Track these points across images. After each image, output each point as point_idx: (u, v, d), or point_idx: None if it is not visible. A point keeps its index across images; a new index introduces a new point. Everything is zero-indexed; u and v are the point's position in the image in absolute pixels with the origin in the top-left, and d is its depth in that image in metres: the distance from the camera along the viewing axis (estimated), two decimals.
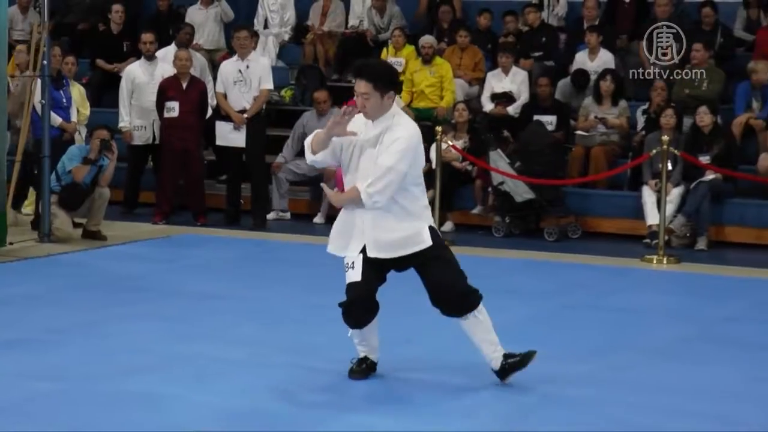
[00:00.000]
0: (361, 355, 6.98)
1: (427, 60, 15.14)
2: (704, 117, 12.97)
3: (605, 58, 14.90)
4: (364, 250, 6.72)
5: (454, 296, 6.70)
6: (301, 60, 16.95)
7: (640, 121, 14.16)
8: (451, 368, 7.20)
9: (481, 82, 15.32)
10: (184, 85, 13.75)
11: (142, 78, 14.22)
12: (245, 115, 13.62)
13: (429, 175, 13.36)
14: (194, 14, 16.93)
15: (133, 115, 14.16)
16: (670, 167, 12.33)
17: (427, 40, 15.32)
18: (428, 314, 6.97)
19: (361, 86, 6.69)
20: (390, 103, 6.77)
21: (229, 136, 13.74)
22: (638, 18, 15.83)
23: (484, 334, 6.76)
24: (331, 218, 13.94)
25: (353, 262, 6.73)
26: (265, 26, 17.28)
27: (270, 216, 14.09)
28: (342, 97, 15.24)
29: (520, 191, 13.09)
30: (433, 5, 16.92)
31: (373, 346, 6.96)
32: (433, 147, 13.06)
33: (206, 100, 14.05)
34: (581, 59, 15.11)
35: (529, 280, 10.81)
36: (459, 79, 15.38)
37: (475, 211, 13.78)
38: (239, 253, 12.12)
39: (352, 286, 6.73)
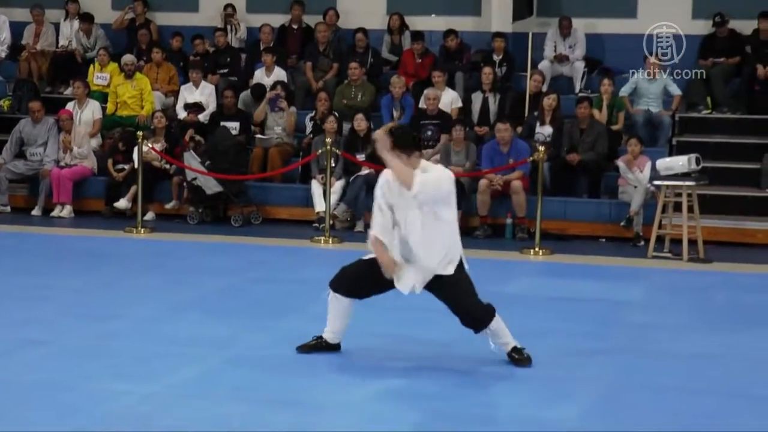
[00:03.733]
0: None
1: (129, 75, 14.87)
2: (361, 123, 13.29)
3: (279, 75, 15.00)
4: None
5: (467, 320, 6.45)
6: (17, 74, 16.29)
7: (308, 126, 14.33)
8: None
9: (176, 93, 15.14)
10: None
11: None
12: None
13: (132, 174, 13.16)
14: None
15: None
16: (333, 164, 12.57)
17: (128, 58, 15.05)
18: None
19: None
20: (416, 162, 6.40)
21: None
22: (304, 41, 16.00)
23: (497, 339, 6.53)
24: (47, 211, 13.58)
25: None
26: None
27: None
28: (54, 106, 14.78)
29: (210, 185, 13.03)
30: (132, 28, 16.57)
31: (335, 327, 6.71)
32: (136, 149, 12.82)
33: None
34: (259, 75, 15.15)
35: (220, 259, 10.77)
36: (157, 91, 15.15)
37: (170, 205, 13.57)
38: None
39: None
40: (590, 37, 15.30)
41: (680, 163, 11.42)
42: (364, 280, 6.60)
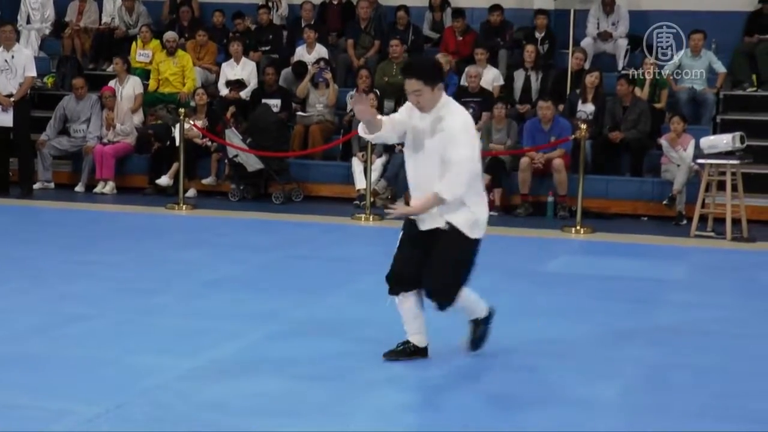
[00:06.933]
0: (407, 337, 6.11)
1: (171, 52, 14.91)
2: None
3: (320, 52, 14.98)
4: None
5: (434, 286, 5.88)
6: (61, 51, 16.40)
7: (349, 103, 14.30)
8: None
9: (218, 70, 15.17)
10: None
11: None
12: (12, 99, 13.09)
13: (174, 150, 13.21)
14: None
15: None
16: None
17: (170, 35, 15.09)
18: None
19: (412, 84, 5.73)
20: (440, 95, 5.79)
21: None
22: (345, 18, 15.97)
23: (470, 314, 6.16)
24: (90, 187, 13.68)
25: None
26: (28, 21, 16.64)
27: (36, 186, 13.62)
28: (96, 83, 14.87)
29: (252, 162, 13.06)
30: (174, 6, 16.62)
31: (414, 328, 6.07)
32: (178, 126, 12.87)
33: None
34: (300, 52, 15.14)
35: (261, 236, 10.81)
36: (198, 67, 15.19)
37: (207, 180, 13.63)
38: (9, 218, 11.64)
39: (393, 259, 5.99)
40: (634, 14, 15.13)
41: (724, 141, 11.30)
42: (411, 261, 5.94)
